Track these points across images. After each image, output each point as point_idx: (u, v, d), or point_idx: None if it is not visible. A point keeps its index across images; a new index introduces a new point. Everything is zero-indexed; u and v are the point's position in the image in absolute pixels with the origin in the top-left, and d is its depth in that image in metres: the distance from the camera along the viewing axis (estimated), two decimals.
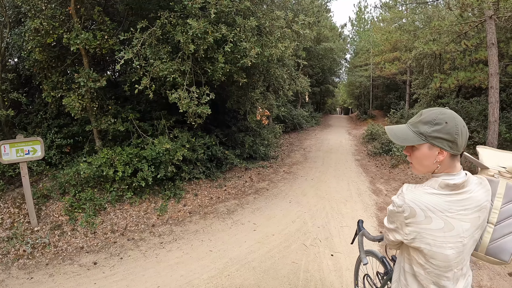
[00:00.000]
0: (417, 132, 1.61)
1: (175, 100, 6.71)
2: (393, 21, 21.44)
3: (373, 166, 12.71)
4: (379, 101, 34.41)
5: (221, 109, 10.71)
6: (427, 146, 1.60)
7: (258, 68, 9.15)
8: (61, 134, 7.98)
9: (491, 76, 9.33)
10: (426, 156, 1.61)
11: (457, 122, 1.55)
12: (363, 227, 2.89)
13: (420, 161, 1.66)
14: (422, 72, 18.21)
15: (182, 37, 6.34)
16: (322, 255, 5.37)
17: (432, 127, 1.56)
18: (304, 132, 22.85)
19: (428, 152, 1.60)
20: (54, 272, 4.88)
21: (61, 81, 7.37)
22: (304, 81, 12.78)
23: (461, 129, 1.54)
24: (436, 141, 1.56)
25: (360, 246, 2.78)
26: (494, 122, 9.21)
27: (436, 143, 1.56)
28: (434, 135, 1.55)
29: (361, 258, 2.60)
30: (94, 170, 6.87)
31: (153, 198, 7.57)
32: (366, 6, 54.48)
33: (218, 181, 9.25)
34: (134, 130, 7.95)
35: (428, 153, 1.60)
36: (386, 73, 24.73)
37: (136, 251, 5.58)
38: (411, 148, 1.69)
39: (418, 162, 1.68)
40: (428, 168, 1.65)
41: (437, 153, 1.58)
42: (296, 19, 7.95)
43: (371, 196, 8.66)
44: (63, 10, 6.95)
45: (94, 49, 6.89)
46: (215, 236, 6.12)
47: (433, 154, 1.59)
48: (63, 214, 6.44)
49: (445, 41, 12.03)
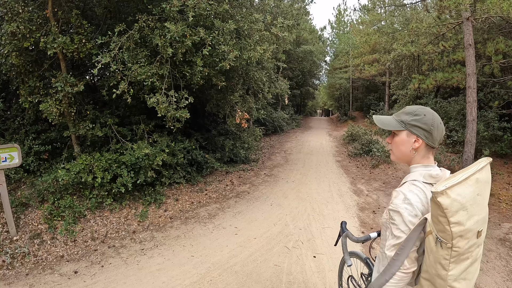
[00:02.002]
0: (399, 120, 1.82)
1: (154, 104, 6.64)
2: (372, 23, 21.67)
3: (353, 167, 12.81)
4: (359, 103, 34.73)
5: (200, 113, 10.66)
6: (405, 133, 1.81)
7: (237, 71, 9.13)
8: (39, 141, 7.80)
9: (468, 76, 9.48)
10: (404, 142, 1.82)
11: (434, 117, 1.76)
12: (346, 229, 2.89)
13: (398, 146, 1.86)
14: (401, 73, 18.49)
15: (160, 40, 6.28)
16: (305, 257, 5.38)
17: (411, 117, 1.78)
18: (285, 135, 22.91)
19: (406, 139, 1.81)
20: (35, 282, 4.76)
21: (39, 86, 7.20)
22: (283, 84, 12.88)
23: (437, 124, 1.76)
24: (413, 129, 1.77)
25: (344, 247, 2.76)
26: (472, 121, 9.36)
27: (413, 130, 1.77)
28: (413, 123, 1.77)
29: (345, 260, 2.60)
30: (73, 177, 6.74)
31: (133, 204, 7.47)
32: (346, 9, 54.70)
33: (198, 186, 9.19)
34: (113, 135, 7.84)
35: (406, 139, 1.81)
36: (366, 75, 25.00)
37: (117, 258, 5.48)
38: (392, 136, 1.91)
39: (396, 147, 1.88)
40: (405, 155, 1.85)
41: (413, 140, 1.79)
42: (275, 22, 7.96)
43: (353, 197, 8.71)
44: (41, 13, 6.81)
45: (71, 53, 6.77)
46: (196, 241, 6.07)
47: (410, 141, 1.80)
48: (42, 222, 6.30)
49: (423, 43, 12.18)
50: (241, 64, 7.80)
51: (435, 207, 1.50)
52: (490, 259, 5.43)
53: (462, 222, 1.50)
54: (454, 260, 1.53)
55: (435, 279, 1.59)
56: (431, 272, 1.60)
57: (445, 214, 1.47)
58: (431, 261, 1.59)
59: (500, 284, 4.74)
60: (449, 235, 1.49)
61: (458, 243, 1.51)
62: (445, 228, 1.49)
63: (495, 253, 5.60)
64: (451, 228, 1.48)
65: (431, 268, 1.59)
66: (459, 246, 1.51)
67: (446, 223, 1.48)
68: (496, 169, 9.78)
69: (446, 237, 1.50)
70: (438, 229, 1.52)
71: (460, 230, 1.49)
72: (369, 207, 7.90)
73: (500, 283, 4.75)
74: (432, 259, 1.58)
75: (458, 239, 1.50)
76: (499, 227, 6.55)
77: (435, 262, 1.56)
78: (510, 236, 6.15)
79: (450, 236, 1.49)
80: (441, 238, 1.52)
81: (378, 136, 17.01)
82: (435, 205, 1.50)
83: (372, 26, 21.28)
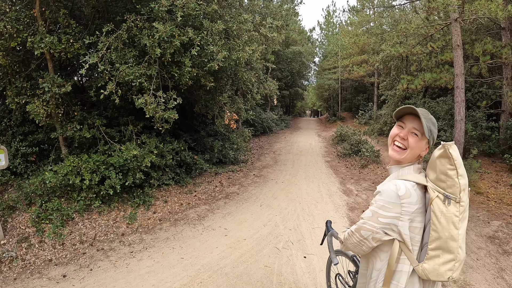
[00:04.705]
0: (429, 128, 1.83)
1: (142, 105, 6.58)
2: (361, 24, 21.82)
3: (343, 167, 12.84)
4: (348, 103, 34.95)
5: (189, 114, 10.61)
6: (426, 141, 1.87)
7: (226, 72, 9.10)
8: (26, 142, 7.67)
9: (456, 76, 9.58)
10: (421, 148, 1.89)
11: None
12: (331, 228, 2.91)
13: (414, 149, 1.89)
14: (390, 74, 18.61)
15: (148, 40, 6.22)
16: (295, 258, 5.36)
17: (435, 129, 1.87)
18: (274, 135, 22.93)
19: (423, 146, 1.89)
20: (23, 287, 4.67)
21: (26, 87, 7.07)
22: (272, 84, 12.83)
23: None
24: (431, 140, 1.87)
25: (329, 246, 2.78)
26: (460, 120, 9.46)
27: (431, 140, 1.87)
28: (434, 135, 1.87)
29: (332, 258, 2.58)
30: (60, 179, 6.64)
31: (122, 206, 7.40)
32: (335, 10, 55.06)
33: (188, 187, 9.13)
34: (101, 136, 7.75)
35: (423, 146, 1.89)
36: (354, 76, 25.16)
37: (106, 261, 5.41)
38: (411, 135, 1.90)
39: (412, 150, 1.89)
40: (413, 157, 1.92)
41: (425, 148, 1.90)
42: (264, 22, 7.95)
43: (342, 197, 8.73)
44: (28, 13, 6.70)
45: (59, 53, 6.67)
46: (186, 243, 6.02)
47: (424, 148, 1.90)
48: (30, 225, 6.19)
49: (412, 44, 12.29)
50: (230, 65, 7.76)
51: (445, 162, 1.70)
52: (480, 256, 5.47)
53: (464, 175, 1.70)
54: (461, 216, 1.68)
55: (447, 243, 1.68)
56: (444, 236, 1.67)
57: (455, 166, 1.67)
58: (443, 224, 1.67)
59: (490, 281, 4.77)
60: (458, 188, 1.67)
61: (463, 197, 1.68)
62: (454, 181, 1.67)
63: (485, 251, 5.65)
64: (459, 180, 1.67)
65: (444, 232, 1.67)
66: (464, 200, 1.69)
67: (455, 175, 1.68)
68: (484, 168, 9.87)
69: (455, 191, 1.67)
70: (446, 186, 1.69)
71: (464, 183, 1.69)
72: (359, 207, 7.92)
73: (490, 280, 4.78)
74: (444, 221, 1.67)
75: (463, 193, 1.68)
76: (488, 225, 6.60)
77: (448, 222, 1.67)
78: (499, 233, 6.20)
79: (458, 189, 1.67)
80: (450, 195, 1.68)
81: (367, 136, 17.08)
82: (445, 160, 1.70)
83: (361, 27, 21.42)
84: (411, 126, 1.88)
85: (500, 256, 5.46)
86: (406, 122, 1.91)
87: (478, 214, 7.19)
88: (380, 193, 1.82)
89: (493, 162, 10.58)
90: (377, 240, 1.85)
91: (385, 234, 1.81)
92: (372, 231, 1.85)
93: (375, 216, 1.82)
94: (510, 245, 5.78)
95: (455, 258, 1.69)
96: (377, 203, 1.82)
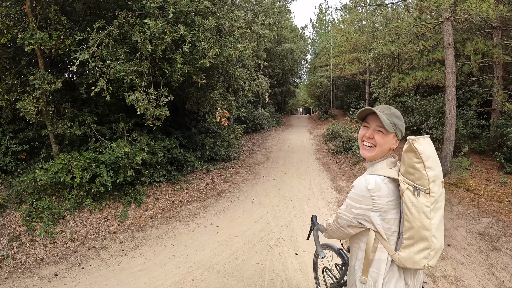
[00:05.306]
0: (392, 123, 1.93)
1: (133, 102, 6.54)
2: (353, 22, 21.78)
3: (334, 164, 12.88)
4: (339, 101, 35.01)
5: (180, 111, 10.57)
6: (393, 135, 1.98)
7: (218, 69, 9.08)
8: (16, 140, 7.60)
9: (448, 75, 9.63)
10: (390, 142, 1.99)
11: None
12: (317, 222, 2.95)
13: (383, 145, 1.99)
14: (381, 72, 18.67)
15: (139, 37, 6.18)
16: (287, 255, 5.37)
17: (400, 122, 1.97)
18: (266, 133, 22.97)
19: (391, 140, 1.99)
20: (14, 286, 4.62)
21: (16, 84, 7.00)
22: (264, 82, 12.86)
23: None
24: (398, 132, 1.97)
25: (316, 240, 2.84)
26: (451, 118, 9.51)
27: (398, 133, 1.98)
28: (400, 128, 1.97)
29: (318, 252, 2.66)
30: (51, 177, 6.59)
31: (113, 204, 7.36)
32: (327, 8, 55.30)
33: (179, 184, 9.11)
34: (92, 134, 7.69)
35: (392, 140, 1.99)
36: (346, 73, 25.15)
37: (98, 259, 5.38)
38: (377, 133, 2.01)
39: (380, 146, 1.99)
40: (384, 152, 2.02)
41: (394, 141, 2.01)
42: (256, 19, 7.93)
43: (333, 194, 8.76)
44: (19, 9, 6.63)
45: (49, 50, 6.59)
46: (177, 241, 6.01)
47: (392, 141, 2.00)
48: (20, 224, 6.13)
49: (404, 42, 12.34)
50: (222, 62, 7.75)
51: (411, 155, 1.79)
52: (470, 253, 5.51)
53: (433, 168, 1.78)
54: (433, 207, 1.77)
55: (420, 232, 1.77)
56: (417, 226, 1.76)
57: (421, 159, 1.75)
58: (414, 214, 1.76)
59: (481, 277, 4.81)
60: (426, 180, 1.75)
61: (433, 188, 1.77)
62: (422, 174, 1.76)
63: (475, 247, 5.69)
64: (427, 172, 1.75)
65: (416, 221, 1.76)
66: (434, 191, 1.77)
67: (422, 168, 1.76)
68: (475, 166, 9.94)
69: (424, 183, 1.76)
70: (415, 178, 1.77)
71: (432, 175, 1.77)
72: None
73: (480, 276, 4.82)
74: (415, 212, 1.76)
75: (432, 184, 1.76)
76: (478, 222, 6.65)
77: (419, 213, 1.75)
78: (489, 230, 6.25)
79: (427, 181, 1.75)
80: (419, 186, 1.76)
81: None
82: (411, 154, 1.79)
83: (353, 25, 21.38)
84: (375, 125, 2.00)
85: (491, 253, 5.50)
86: (370, 122, 2.04)
87: (468, 211, 7.24)
88: (354, 187, 1.94)
89: (484, 160, 10.65)
90: (353, 227, 1.99)
91: (359, 224, 1.94)
92: (347, 220, 1.99)
93: (348, 207, 1.96)
94: (500, 241, 5.83)
95: (429, 247, 1.78)
96: (350, 196, 1.96)
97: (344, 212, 2.01)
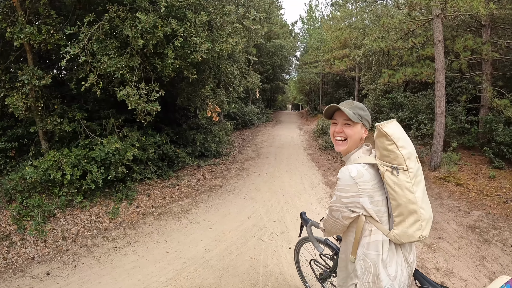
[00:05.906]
0: (357, 114, 2.07)
1: (124, 97, 6.48)
2: (343, 19, 21.86)
3: (324, 159, 12.92)
4: (329, 97, 35.02)
5: (171, 107, 10.50)
6: (360, 125, 2.11)
7: (209, 64, 9.03)
8: (5, 137, 7.48)
9: (437, 71, 9.72)
10: (359, 132, 2.12)
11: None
12: (309, 218, 3.01)
13: (353, 136, 2.11)
14: (371, 68, 18.75)
15: (130, 31, 6.12)
16: (280, 249, 5.37)
17: (364, 112, 2.11)
18: (256, 129, 22.96)
19: (360, 130, 2.12)
20: (6, 286, 4.55)
21: (4, 80, 6.88)
22: (254, 78, 12.82)
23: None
24: (365, 122, 2.11)
25: (310, 236, 2.89)
26: (440, 114, 9.60)
27: (365, 123, 2.12)
28: (365, 118, 2.11)
29: (316, 247, 2.72)
30: (41, 174, 6.50)
31: (104, 201, 7.29)
32: (317, 4, 55.36)
33: (170, 180, 9.06)
34: (82, 130, 7.61)
35: (360, 130, 2.12)
36: (336, 70, 25.18)
37: (90, 257, 5.31)
38: (346, 126, 2.13)
39: (351, 137, 2.12)
40: (355, 143, 2.14)
41: (363, 131, 2.14)
42: (248, 14, 7.91)
43: (325, 189, 8.78)
44: (7, 3, 6.53)
45: (39, 45, 6.50)
46: (170, 237, 5.97)
47: (361, 132, 2.13)
48: (10, 223, 6.04)
49: (393, 39, 12.42)
50: (213, 57, 7.71)
51: (383, 140, 1.93)
52: (461, 245, 5.57)
53: (405, 146, 1.91)
54: (413, 181, 1.90)
55: (408, 206, 1.89)
56: (403, 202, 1.88)
57: (392, 140, 1.89)
58: (398, 192, 1.88)
59: (472, 268, 4.86)
60: (401, 158, 1.88)
61: (410, 164, 1.90)
62: (396, 154, 1.88)
63: (466, 240, 5.75)
64: (401, 151, 1.88)
65: (402, 198, 1.88)
66: (411, 167, 1.90)
67: (395, 149, 1.89)
68: (464, 161, 10.05)
69: (400, 161, 1.88)
70: (391, 159, 1.90)
71: (406, 152, 1.90)
72: None
73: (472, 268, 4.87)
74: (398, 189, 1.88)
75: (408, 161, 1.89)
76: (468, 215, 6.72)
77: (402, 189, 1.88)
78: (479, 223, 6.33)
79: (402, 159, 1.88)
80: (397, 166, 1.89)
81: None
82: (382, 138, 1.93)
83: (343, 21, 21.46)
84: (342, 120, 2.14)
85: (481, 245, 5.57)
86: (337, 118, 2.18)
87: (458, 204, 7.31)
88: (339, 179, 2.02)
89: (473, 155, 10.77)
90: (346, 218, 2.05)
91: (351, 212, 2.01)
92: (339, 210, 2.06)
93: (338, 198, 2.03)
94: (490, 234, 5.90)
95: (419, 219, 1.91)
96: (338, 188, 2.03)
97: (335, 204, 2.08)
